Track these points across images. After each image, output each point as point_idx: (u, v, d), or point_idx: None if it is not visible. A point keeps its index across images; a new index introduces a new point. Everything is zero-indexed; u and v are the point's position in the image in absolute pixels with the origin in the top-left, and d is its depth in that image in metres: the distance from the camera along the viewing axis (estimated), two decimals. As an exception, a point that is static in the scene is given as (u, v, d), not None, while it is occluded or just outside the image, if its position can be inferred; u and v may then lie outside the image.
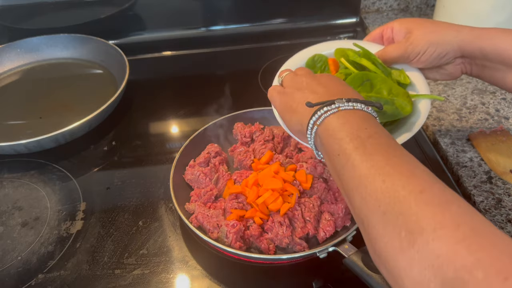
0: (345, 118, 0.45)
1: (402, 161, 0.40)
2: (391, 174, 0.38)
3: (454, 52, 0.59)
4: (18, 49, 1.02)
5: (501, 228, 0.64)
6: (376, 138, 0.42)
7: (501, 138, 0.76)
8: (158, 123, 0.90)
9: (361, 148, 0.41)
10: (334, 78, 0.53)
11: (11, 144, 0.75)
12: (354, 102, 0.46)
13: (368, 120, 0.45)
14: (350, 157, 0.41)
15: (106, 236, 0.67)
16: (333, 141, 0.44)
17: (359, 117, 0.45)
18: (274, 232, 0.62)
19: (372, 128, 0.43)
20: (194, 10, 1.10)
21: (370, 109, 0.46)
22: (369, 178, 0.39)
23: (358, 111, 0.45)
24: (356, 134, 0.42)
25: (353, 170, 0.40)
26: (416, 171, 0.38)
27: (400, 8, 1.19)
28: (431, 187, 0.36)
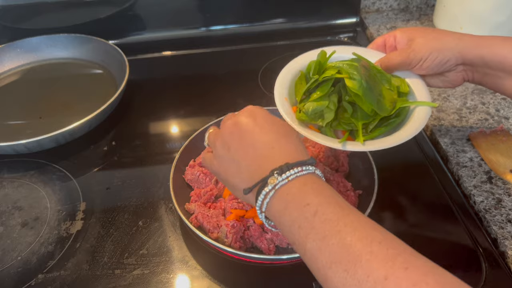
0: (285, 201, 0.42)
1: (354, 235, 0.37)
2: (350, 261, 0.36)
3: (455, 59, 0.60)
4: (18, 49, 1.02)
5: (501, 228, 0.64)
6: (322, 213, 0.40)
7: (501, 138, 0.76)
8: (158, 123, 0.90)
9: (311, 233, 0.39)
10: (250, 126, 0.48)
11: (11, 144, 0.75)
12: (286, 171, 0.43)
13: (308, 189, 0.42)
14: (306, 247, 0.40)
15: (106, 236, 0.67)
16: (285, 230, 0.43)
17: (298, 191, 0.42)
18: (274, 232, 0.62)
19: (314, 199, 0.41)
20: (194, 10, 1.10)
21: (304, 168, 0.44)
22: (332, 268, 0.37)
23: (295, 181, 0.43)
24: (303, 216, 0.40)
25: (314, 261, 0.39)
26: (374, 247, 0.36)
27: (400, 8, 1.19)
28: (392, 266, 0.34)
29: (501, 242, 0.62)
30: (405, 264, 0.34)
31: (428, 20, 1.13)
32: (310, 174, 0.44)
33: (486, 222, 0.66)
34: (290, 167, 0.43)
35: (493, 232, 0.64)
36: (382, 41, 0.67)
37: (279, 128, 0.48)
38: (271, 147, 0.46)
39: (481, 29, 0.97)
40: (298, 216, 0.41)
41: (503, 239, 0.62)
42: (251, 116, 0.49)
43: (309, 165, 0.44)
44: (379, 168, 0.66)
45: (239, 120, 0.49)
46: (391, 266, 0.34)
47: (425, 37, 0.61)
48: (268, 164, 0.45)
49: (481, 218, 0.67)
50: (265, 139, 0.47)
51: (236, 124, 0.49)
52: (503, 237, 0.63)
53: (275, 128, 0.48)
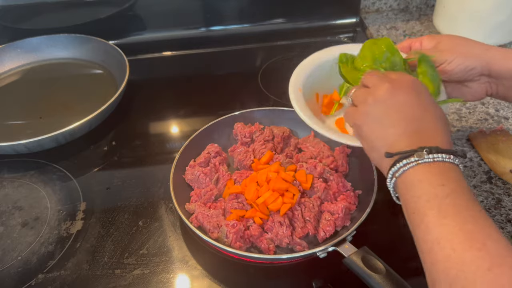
0: (424, 174, 0.44)
1: (476, 227, 0.39)
2: (461, 243, 0.38)
3: (481, 68, 0.58)
4: (18, 49, 1.02)
5: (501, 228, 0.64)
6: (454, 197, 0.41)
7: (501, 138, 0.77)
8: (158, 123, 0.90)
9: (436, 209, 0.41)
10: (413, 97, 0.49)
11: (11, 144, 0.75)
12: (435, 153, 0.44)
13: (448, 173, 0.43)
14: (424, 219, 0.41)
15: (106, 236, 0.67)
16: (410, 197, 0.44)
17: (438, 171, 0.43)
18: (274, 232, 0.62)
19: (451, 184, 0.42)
20: (194, 10, 1.10)
21: (452, 158, 0.44)
22: (440, 244, 0.39)
23: (439, 164, 0.44)
24: (434, 192, 0.42)
25: (426, 233, 0.41)
26: (488, 241, 0.38)
27: (400, 8, 1.19)
28: (500, 264, 0.36)
29: (500, 242, 0.62)
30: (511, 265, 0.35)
31: (428, 20, 1.13)
32: (454, 164, 0.44)
33: (486, 222, 0.66)
34: (440, 151, 0.44)
35: (492, 232, 0.64)
36: (408, 45, 0.65)
37: (437, 109, 0.49)
38: (427, 125, 0.47)
39: (481, 29, 0.97)
40: (429, 191, 0.42)
41: (502, 239, 0.62)
42: (413, 87, 0.49)
43: (458, 156, 0.45)
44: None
45: (402, 81, 0.50)
46: (498, 264, 0.36)
47: (452, 41, 0.60)
48: (419, 140, 0.46)
49: (481, 218, 0.67)
50: (423, 114, 0.47)
51: (396, 84, 0.49)
52: (502, 237, 0.63)
53: (435, 108, 0.48)
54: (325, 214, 0.64)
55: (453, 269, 0.37)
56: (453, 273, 0.37)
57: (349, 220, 0.64)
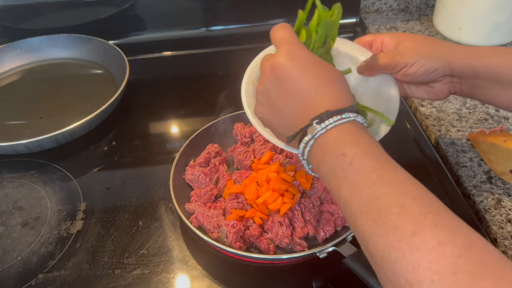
0: (324, 147, 0.43)
1: (390, 189, 0.37)
2: (380, 213, 0.36)
3: (443, 69, 0.57)
4: (18, 49, 1.02)
5: (501, 228, 0.64)
6: (357, 163, 0.40)
7: (501, 138, 0.77)
8: (158, 123, 0.90)
9: (345, 183, 0.40)
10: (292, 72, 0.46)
11: (11, 144, 0.75)
12: (326, 119, 0.42)
13: (347, 137, 0.42)
14: (340, 196, 0.40)
15: (106, 236, 0.67)
16: (322, 175, 0.44)
17: (336, 140, 0.42)
18: (274, 232, 0.62)
19: (352, 148, 0.41)
20: (194, 10, 1.10)
21: (344, 116, 0.43)
22: (362, 219, 0.38)
23: (334, 130, 0.42)
24: (338, 165, 0.41)
25: (346, 208, 0.40)
26: (406, 201, 0.36)
27: (400, 8, 1.19)
28: (423, 227, 0.34)
29: (501, 242, 0.62)
30: (435, 222, 0.34)
31: (427, 20, 1.13)
32: (349, 122, 0.43)
33: (486, 222, 0.66)
34: (330, 115, 0.43)
35: (493, 232, 0.64)
36: (369, 41, 0.62)
37: (320, 70, 0.46)
38: (312, 93, 0.45)
39: (480, 29, 0.97)
40: (334, 165, 0.41)
41: (503, 239, 0.62)
42: (290, 57, 0.47)
43: (349, 112, 0.43)
44: (379, 168, 0.66)
45: (277, 63, 0.47)
46: (421, 223, 0.34)
47: (414, 42, 0.57)
48: (309, 111, 0.44)
49: (481, 218, 0.67)
50: (305, 85, 0.46)
51: (274, 68, 0.48)
52: (503, 237, 0.63)
53: (316, 71, 0.46)
54: (325, 214, 0.64)
55: (381, 242, 0.35)
56: (382, 246, 0.35)
57: (349, 220, 0.64)
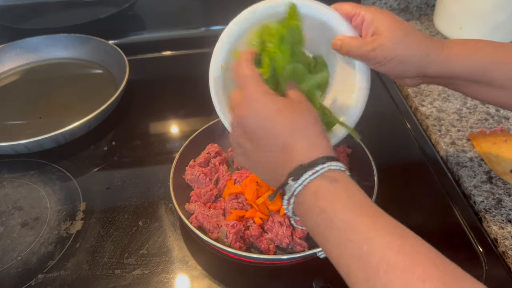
0: (304, 207, 0.42)
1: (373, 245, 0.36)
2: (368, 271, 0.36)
3: (417, 72, 0.55)
4: (18, 49, 1.02)
5: (501, 228, 0.64)
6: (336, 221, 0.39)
7: (501, 138, 0.76)
8: (158, 123, 0.90)
9: (329, 242, 0.39)
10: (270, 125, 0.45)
11: (11, 144, 0.75)
12: (301, 175, 0.41)
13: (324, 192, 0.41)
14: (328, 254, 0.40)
15: (106, 236, 0.67)
16: (309, 231, 0.43)
17: (314, 197, 0.41)
18: (274, 232, 0.62)
19: (329, 204, 0.40)
20: (194, 10, 1.10)
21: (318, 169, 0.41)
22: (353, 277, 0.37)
23: (311, 185, 0.41)
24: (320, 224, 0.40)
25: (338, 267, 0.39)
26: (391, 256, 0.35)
27: (400, 8, 1.19)
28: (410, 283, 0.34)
29: (501, 242, 0.62)
30: (423, 277, 0.33)
31: (428, 20, 1.13)
32: (324, 173, 0.41)
33: (486, 222, 0.66)
34: (303, 170, 0.41)
35: (493, 232, 0.64)
36: (349, 14, 0.56)
37: (287, 118, 0.44)
38: (283, 146, 0.44)
39: (481, 29, 0.97)
40: (318, 222, 0.41)
41: (503, 239, 0.62)
42: (255, 109, 0.46)
43: (322, 163, 0.41)
44: (379, 168, 0.66)
45: (243, 117, 0.46)
46: (409, 279, 0.33)
47: (392, 38, 0.53)
48: (284, 166, 0.43)
49: (481, 218, 0.67)
50: (274, 138, 0.44)
51: (241, 124, 0.47)
52: (503, 237, 0.63)
53: (283, 120, 0.44)
54: (325, 214, 0.64)
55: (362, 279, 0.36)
56: None
57: (349, 220, 0.64)
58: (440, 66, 0.54)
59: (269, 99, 0.46)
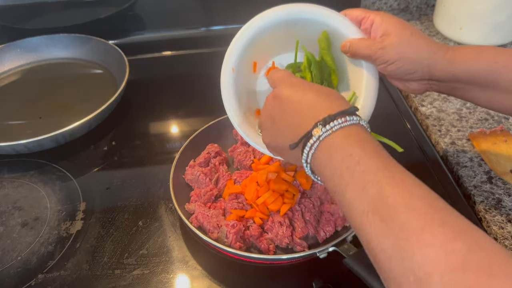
0: (329, 150, 0.43)
1: (397, 188, 0.38)
2: (387, 211, 0.36)
3: (422, 73, 0.57)
4: (18, 49, 1.02)
5: (501, 228, 0.64)
6: (364, 163, 0.40)
7: (501, 138, 0.76)
8: (158, 123, 0.90)
9: (351, 184, 0.40)
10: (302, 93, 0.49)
11: (11, 144, 0.75)
12: (330, 122, 0.43)
13: (354, 139, 0.42)
14: (345, 197, 0.40)
15: (106, 236, 0.67)
16: (326, 179, 0.44)
17: (342, 141, 0.43)
18: (274, 232, 0.62)
19: (358, 149, 0.41)
20: (194, 10, 1.10)
21: (347, 119, 0.43)
22: (368, 218, 0.38)
23: (339, 132, 0.43)
24: (344, 165, 0.41)
25: (351, 211, 0.40)
26: (413, 200, 0.36)
27: (400, 8, 1.19)
28: (431, 224, 0.34)
29: (501, 242, 0.62)
30: (442, 220, 0.34)
31: (428, 20, 1.13)
32: (354, 125, 0.43)
33: (486, 222, 0.66)
34: (333, 118, 0.43)
35: (493, 232, 0.64)
36: (359, 17, 0.59)
37: (318, 88, 0.49)
38: (312, 105, 0.47)
39: (481, 28, 0.97)
40: (340, 165, 0.41)
41: (503, 239, 0.62)
42: (289, 85, 0.50)
43: (352, 114, 0.44)
44: (379, 168, 0.66)
45: (278, 92, 0.50)
46: (429, 220, 0.34)
47: (400, 37, 0.55)
48: (311, 118, 0.45)
49: (481, 218, 0.67)
50: (305, 101, 0.47)
51: (276, 96, 0.50)
52: (503, 237, 0.63)
53: (314, 89, 0.48)
54: (325, 215, 0.64)
55: (388, 241, 0.35)
56: (389, 245, 0.35)
57: (349, 220, 0.64)
58: (445, 67, 0.56)
59: (301, 80, 0.51)
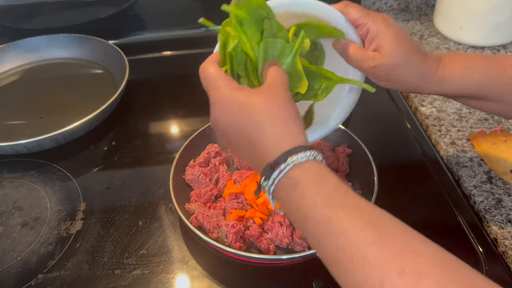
0: (281, 202, 0.42)
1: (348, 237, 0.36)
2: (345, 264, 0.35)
3: (411, 91, 0.58)
4: (18, 49, 1.02)
5: (501, 228, 0.64)
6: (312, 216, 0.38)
7: (501, 138, 0.76)
8: (158, 123, 0.90)
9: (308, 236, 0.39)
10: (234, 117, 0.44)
11: (11, 144, 0.75)
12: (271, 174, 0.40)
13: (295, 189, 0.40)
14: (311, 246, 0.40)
15: (106, 236, 0.67)
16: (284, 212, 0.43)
17: (287, 194, 0.40)
18: (274, 232, 0.62)
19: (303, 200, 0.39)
20: (194, 10, 1.10)
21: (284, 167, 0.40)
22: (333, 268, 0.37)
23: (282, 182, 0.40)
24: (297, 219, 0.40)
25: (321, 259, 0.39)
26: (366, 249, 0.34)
27: (400, 8, 1.19)
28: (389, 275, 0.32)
29: (501, 242, 0.62)
30: (401, 266, 0.32)
31: (428, 20, 1.13)
32: (289, 172, 0.40)
33: (486, 222, 0.66)
34: (271, 170, 0.41)
35: (493, 232, 0.64)
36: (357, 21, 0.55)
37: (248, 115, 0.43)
38: (252, 144, 0.43)
39: (481, 28, 0.97)
40: (294, 219, 0.41)
41: (503, 239, 0.62)
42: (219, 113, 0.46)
43: (282, 163, 0.40)
44: (379, 168, 0.66)
45: (214, 122, 0.47)
46: (386, 271, 0.32)
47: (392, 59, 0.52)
48: (261, 163, 0.42)
49: (481, 218, 0.67)
50: (243, 139, 0.44)
51: (214, 127, 0.48)
52: (503, 237, 0.63)
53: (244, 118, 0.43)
54: (325, 214, 0.64)
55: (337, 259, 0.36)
56: None
57: (349, 220, 0.64)
58: (434, 87, 0.56)
59: (230, 97, 0.45)
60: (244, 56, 0.49)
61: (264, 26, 0.48)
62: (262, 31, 0.49)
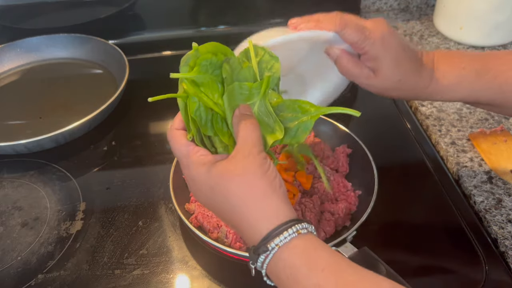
0: (273, 281, 0.41)
1: None
2: None
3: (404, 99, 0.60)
4: (18, 49, 1.02)
5: (501, 228, 0.64)
6: None
7: (501, 138, 0.76)
8: (158, 123, 0.90)
9: None
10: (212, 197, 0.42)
11: (11, 144, 0.75)
12: (257, 258, 0.40)
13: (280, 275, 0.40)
14: None
15: (106, 236, 0.67)
16: None
17: (275, 277, 0.41)
18: (274, 232, 0.61)
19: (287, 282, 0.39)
20: (194, 10, 1.10)
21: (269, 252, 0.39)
22: None
23: (270, 265, 0.40)
24: None
25: None
26: None
27: (400, 8, 1.19)
28: None
29: (501, 242, 0.62)
30: None
31: (428, 20, 1.13)
32: (279, 251, 0.39)
33: (486, 222, 0.66)
34: (256, 255, 0.40)
35: (493, 232, 0.64)
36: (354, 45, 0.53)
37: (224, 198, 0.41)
38: (234, 226, 0.43)
39: (481, 28, 0.97)
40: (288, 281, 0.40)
41: (503, 239, 0.62)
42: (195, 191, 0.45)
43: (263, 253, 0.39)
44: (379, 168, 0.66)
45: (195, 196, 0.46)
46: None
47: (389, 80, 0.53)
48: (247, 241, 0.43)
49: (481, 218, 0.67)
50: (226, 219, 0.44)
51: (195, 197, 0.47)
52: (503, 237, 0.63)
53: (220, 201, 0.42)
54: (326, 214, 0.64)
55: None
56: None
57: (349, 220, 0.64)
58: (426, 98, 0.57)
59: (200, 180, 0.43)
60: (209, 112, 0.45)
61: (223, 72, 0.45)
62: (222, 80, 0.45)
